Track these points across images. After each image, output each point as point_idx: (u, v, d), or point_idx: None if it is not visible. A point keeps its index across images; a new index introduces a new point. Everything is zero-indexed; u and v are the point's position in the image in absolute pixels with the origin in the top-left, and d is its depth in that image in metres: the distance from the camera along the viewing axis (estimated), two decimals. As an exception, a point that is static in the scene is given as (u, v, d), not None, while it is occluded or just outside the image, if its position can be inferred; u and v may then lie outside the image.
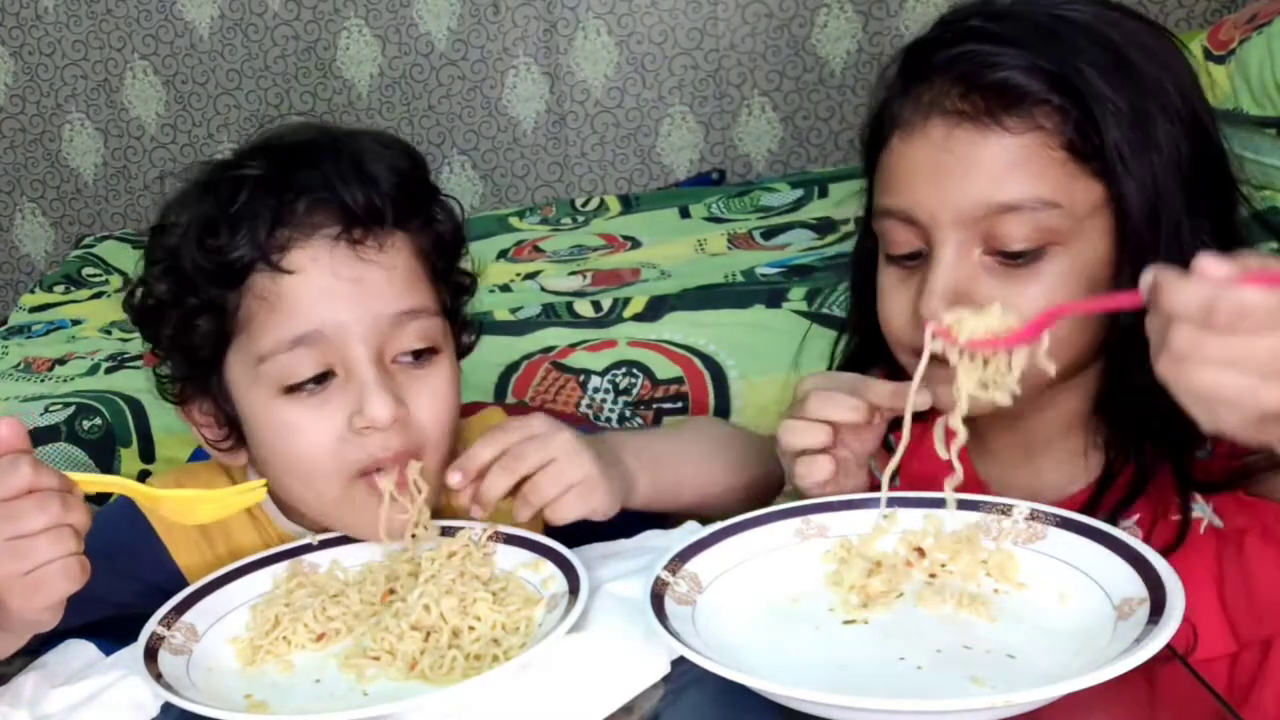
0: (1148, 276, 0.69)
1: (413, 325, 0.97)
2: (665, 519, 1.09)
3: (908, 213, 0.95)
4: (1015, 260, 0.92)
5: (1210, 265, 0.66)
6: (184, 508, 0.92)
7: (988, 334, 0.85)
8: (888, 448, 1.04)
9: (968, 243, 0.93)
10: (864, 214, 1.06)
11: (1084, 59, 0.91)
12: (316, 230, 0.96)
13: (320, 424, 0.95)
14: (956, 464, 0.87)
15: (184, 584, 1.00)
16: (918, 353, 0.92)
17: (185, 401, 1.04)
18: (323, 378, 0.96)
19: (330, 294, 0.95)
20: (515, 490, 0.96)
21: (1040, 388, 0.92)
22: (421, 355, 0.99)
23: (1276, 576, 0.90)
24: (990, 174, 0.91)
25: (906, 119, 0.95)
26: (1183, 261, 0.85)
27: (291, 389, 0.96)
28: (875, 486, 0.95)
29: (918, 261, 0.96)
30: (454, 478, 0.95)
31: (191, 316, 0.98)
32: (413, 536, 0.97)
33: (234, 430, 1.02)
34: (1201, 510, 0.94)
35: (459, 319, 1.07)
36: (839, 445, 0.96)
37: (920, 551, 0.89)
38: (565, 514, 0.95)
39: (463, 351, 1.08)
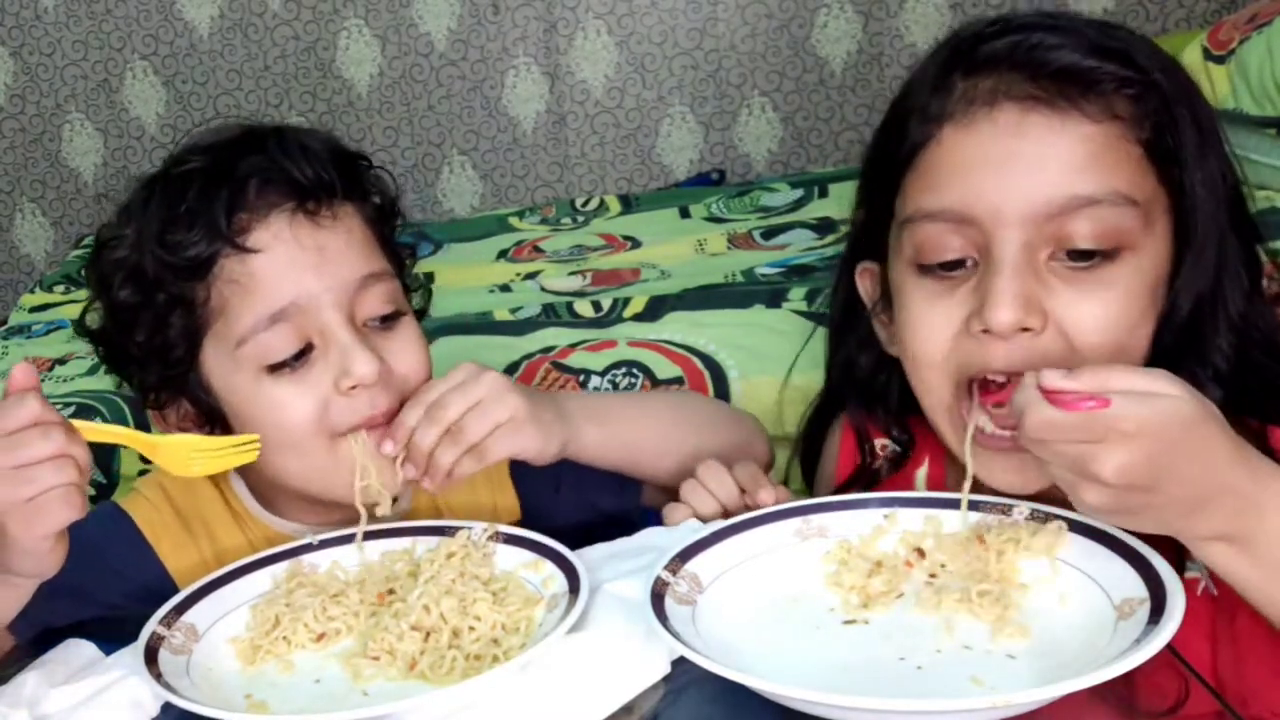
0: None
1: (377, 289, 1.01)
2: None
3: (963, 210, 0.86)
4: (1085, 264, 0.86)
5: (1048, 377, 0.75)
6: (179, 456, 0.95)
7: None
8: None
9: (1034, 243, 0.85)
10: (845, 258, 1.02)
11: (1144, 55, 0.88)
12: (273, 208, 0.98)
13: (307, 395, 0.98)
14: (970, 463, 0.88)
15: (171, 583, 1.02)
16: (959, 376, 0.90)
17: (163, 407, 1.04)
18: (302, 354, 0.98)
19: (298, 265, 0.98)
20: None
21: None
22: (389, 319, 1.02)
23: (1265, 658, 0.85)
24: (1068, 162, 0.84)
25: (960, 111, 0.87)
26: (1224, 277, 0.89)
27: (274, 368, 0.98)
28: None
29: (959, 273, 0.89)
30: (386, 447, 0.97)
31: (164, 316, 1.00)
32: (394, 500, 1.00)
33: (214, 426, 1.03)
34: (1199, 571, 0.88)
35: (406, 284, 1.10)
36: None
37: (920, 552, 0.89)
38: (494, 452, 0.97)
39: (419, 315, 1.11)
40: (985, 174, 0.86)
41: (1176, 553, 0.89)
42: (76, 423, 0.86)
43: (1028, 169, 0.85)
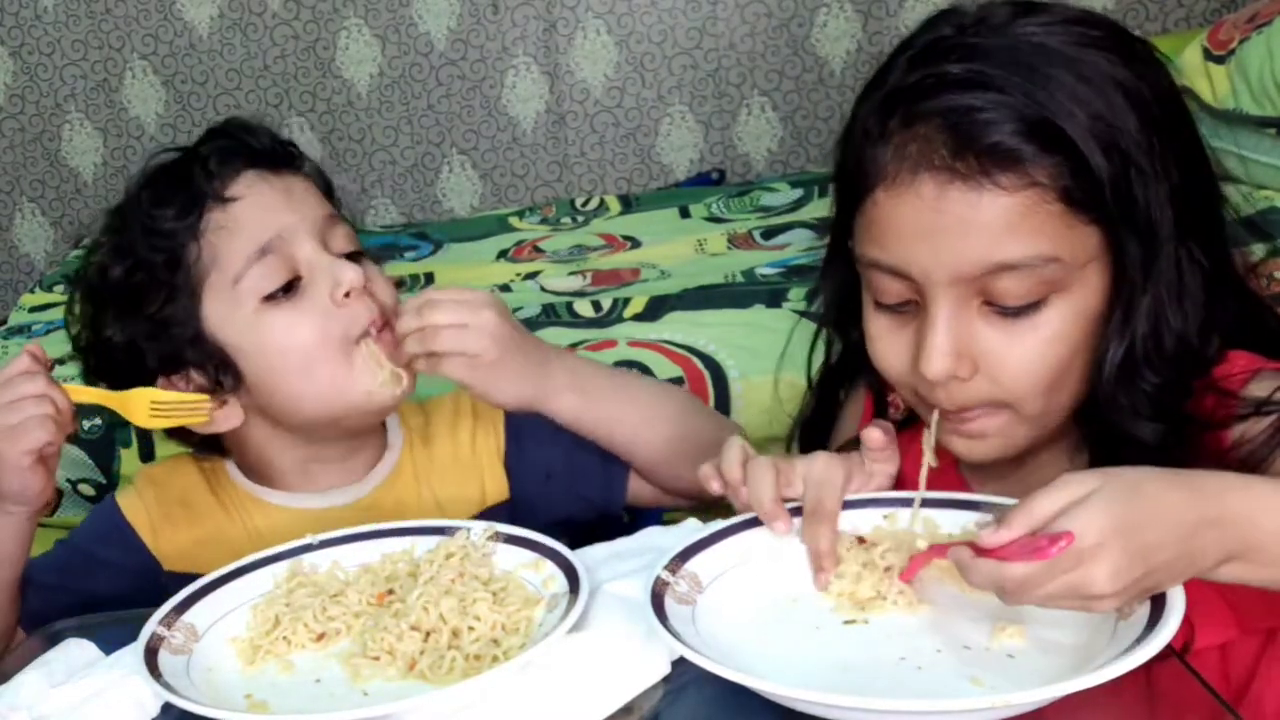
0: (951, 556, 0.80)
1: (340, 228, 1.13)
2: (665, 519, 1.09)
3: (900, 268, 0.91)
4: (1015, 312, 0.90)
5: (984, 538, 0.76)
6: (141, 408, 1.09)
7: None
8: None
9: (965, 297, 0.90)
10: (831, 237, 1.04)
11: (1067, 95, 0.87)
12: (240, 171, 1.12)
13: (306, 315, 1.09)
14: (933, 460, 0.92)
15: (157, 565, 1.16)
16: (920, 396, 0.95)
17: (168, 373, 1.13)
18: (291, 286, 1.09)
19: (273, 206, 1.11)
20: None
21: (1043, 435, 0.95)
22: (354, 257, 1.12)
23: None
24: (988, 234, 0.88)
25: (891, 172, 0.90)
26: (1178, 290, 0.91)
27: (269, 298, 1.09)
28: None
29: (909, 309, 0.93)
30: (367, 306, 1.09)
31: (162, 285, 1.10)
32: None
33: (224, 386, 1.11)
34: None
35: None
36: None
37: (861, 539, 0.90)
38: (443, 370, 1.07)
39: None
40: (914, 242, 0.90)
41: None
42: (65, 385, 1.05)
43: (949, 240, 0.89)
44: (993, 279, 0.88)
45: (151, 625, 0.89)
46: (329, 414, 1.11)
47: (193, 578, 0.96)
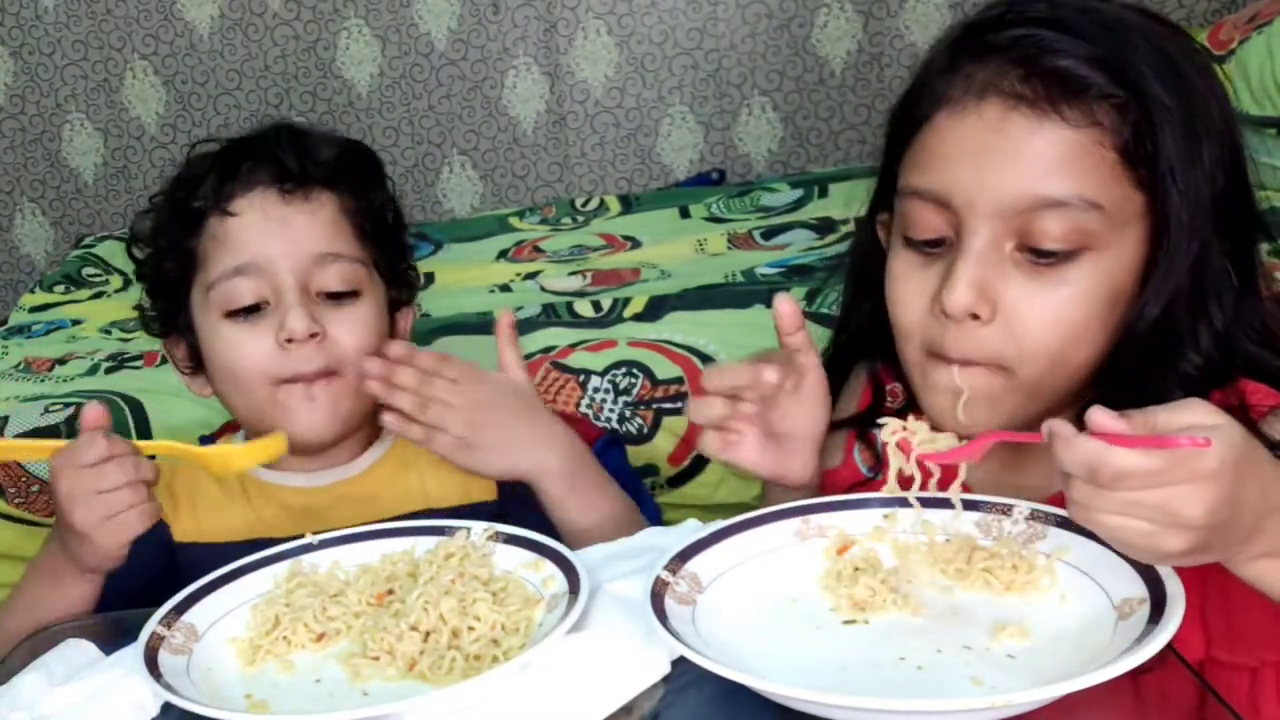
0: (1045, 427, 0.76)
1: (333, 268, 1.16)
2: (665, 519, 1.09)
3: (943, 194, 0.91)
4: (1046, 260, 0.89)
5: (1100, 419, 0.72)
6: (222, 461, 1.14)
7: (934, 449, 0.89)
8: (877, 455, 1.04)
9: (1001, 235, 0.89)
10: (870, 208, 1.04)
11: (1145, 61, 0.89)
12: (256, 184, 1.17)
13: (253, 342, 1.15)
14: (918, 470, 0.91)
15: (171, 542, 1.19)
16: (928, 348, 0.94)
17: (166, 335, 1.25)
18: (257, 308, 1.15)
19: (263, 232, 1.15)
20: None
21: (1030, 413, 0.93)
22: (343, 297, 1.16)
23: (1255, 603, 0.85)
24: (1040, 164, 0.88)
25: (958, 96, 0.91)
26: (1205, 285, 0.90)
27: (232, 313, 1.15)
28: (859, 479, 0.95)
29: (939, 249, 0.93)
30: (372, 364, 1.13)
31: (163, 259, 1.21)
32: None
33: (197, 359, 1.22)
34: None
35: (397, 280, 1.25)
36: (754, 420, 1.00)
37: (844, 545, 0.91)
38: (428, 443, 1.13)
39: (395, 304, 1.25)
40: (964, 164, 0.90)
41: None
42: (141, 443, 1.04)
43: (1001, 166, 0.89)
44: (1034, 216, 0.88)
45: (151, 625, 0.88)
46: (256, 429, 1.18)
47: (198, 546, 1.10)
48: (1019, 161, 0.88)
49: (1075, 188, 0.88)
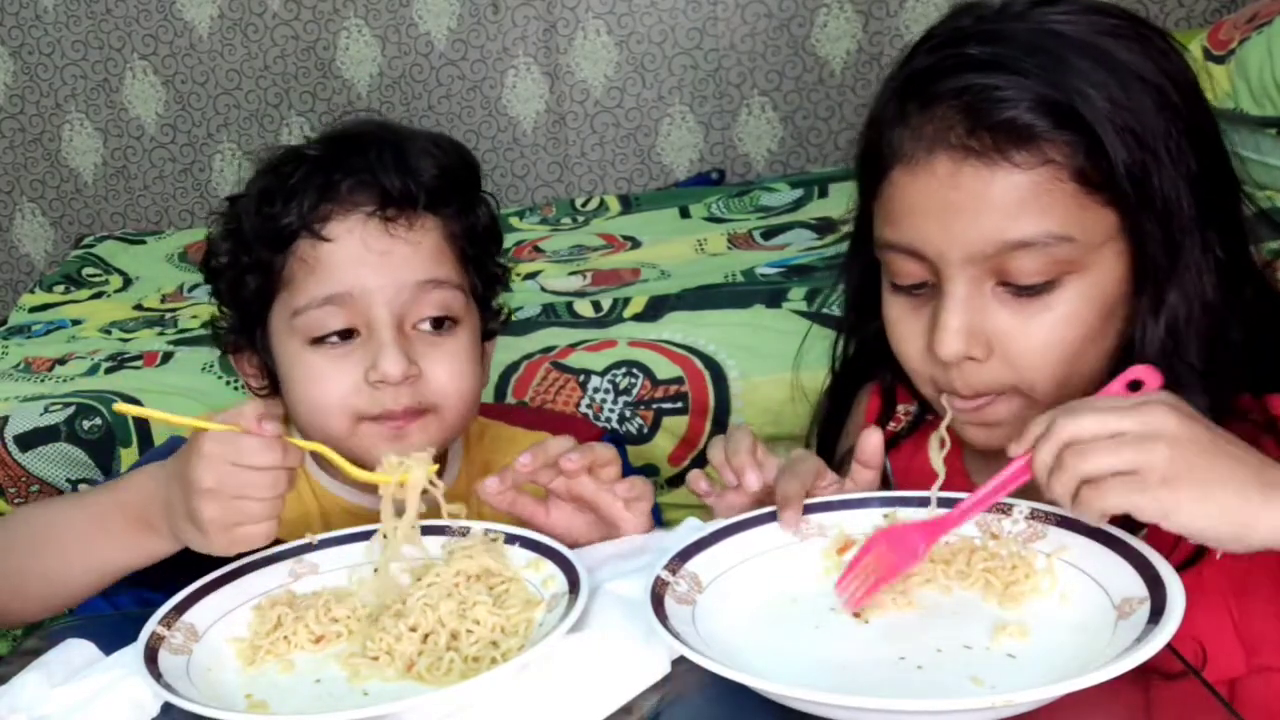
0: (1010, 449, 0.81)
1: (434, 295, 1.08)
2: (665, 519, 1.09)
3: (914, 248, 0.92)
4: (1029, 292, 0.90)
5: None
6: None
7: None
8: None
9: (979, 277, 0.91)
10: (855, 228, 1.04)
11: (1085, 80, 0.88)
12: (355, 207, 1.08)
13: (339, 374, 1.07)
14: (940, 467, 0.90)
15: None
16: (937, 385, 0.95)
17: (236, 351, 1.17)
18: (347, 334, 1.07)
19: (360, 262, 1.07)
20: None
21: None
22: (441, 325, 1.09)
23: (1261, 610, 0.87)
24: (1001, 211, 0.89)
25: (908, 152, 0.92)
26: (1196, 280, 0.90)
27: (317, 340, 1.08)
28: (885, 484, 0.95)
29: (926, 291, 0.94)
30: (524, 458, 0.99)
31: (244, 274, 1.11)
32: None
33: (273, 380, 1.14)
34: None
35: (488, 306, 1.18)
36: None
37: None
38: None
39: (487, 334, 1.17)
40: (928, 220, 0.91)
41: (1175, 540, 0.89)
42: (295, 440, 0.94)
43: (963, 218, 0.90)
44: (1006, 257, 0.89)
45: (151, 625, 0.88)
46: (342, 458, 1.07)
47: None
48: (980, 212, 0.89)
49: (1041, 226, 0.89)
